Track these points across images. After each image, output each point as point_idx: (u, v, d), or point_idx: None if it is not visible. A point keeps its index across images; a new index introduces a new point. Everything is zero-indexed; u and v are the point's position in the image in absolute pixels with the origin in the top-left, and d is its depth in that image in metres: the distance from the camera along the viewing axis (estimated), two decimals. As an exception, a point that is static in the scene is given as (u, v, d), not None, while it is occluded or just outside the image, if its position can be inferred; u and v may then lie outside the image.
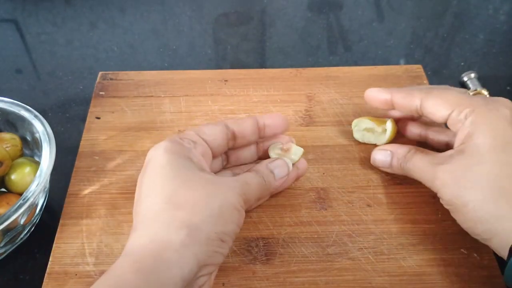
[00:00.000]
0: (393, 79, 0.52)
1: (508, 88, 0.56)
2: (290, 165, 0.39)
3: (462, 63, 0.59)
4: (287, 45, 0.62)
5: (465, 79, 0.42)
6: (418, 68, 0.53)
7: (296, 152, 0.40)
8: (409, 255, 0.38)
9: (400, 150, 0.41)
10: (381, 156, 0.42)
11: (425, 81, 0.51)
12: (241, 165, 0.42)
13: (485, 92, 0.43)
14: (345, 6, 0.68)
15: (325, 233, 0.39)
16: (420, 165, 0.38)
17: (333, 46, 0.62)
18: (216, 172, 0.40)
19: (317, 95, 0.50)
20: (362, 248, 0.39)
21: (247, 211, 0.35)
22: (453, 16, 0.67)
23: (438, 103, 0.38)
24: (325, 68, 0.53)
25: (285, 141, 0.41)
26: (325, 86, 0.51)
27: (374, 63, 0.59)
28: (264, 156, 0.41)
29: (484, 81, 0.57)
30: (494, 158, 0.34)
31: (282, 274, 0.37)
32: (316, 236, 0.39)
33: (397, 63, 0.59)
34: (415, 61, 0.59)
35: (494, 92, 0.55)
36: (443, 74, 0.53)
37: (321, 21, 0.66)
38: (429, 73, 0.53)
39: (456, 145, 0.37)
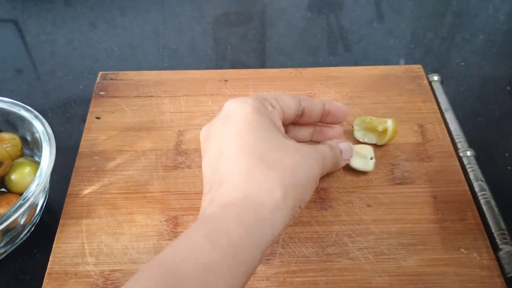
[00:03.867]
0: (393, 79, 0.52)
1: (508, 88, 0.56)
2: (353, 151, 0.42)
3: (462, 63, 0.59)
4: (287, 45, 0.62)
5: None
6: (418, 68, 0.53)
7: (369, 153, 0.44)
8: (409, 255, 0.38)
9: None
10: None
11: (425, 81, 0.51)
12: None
13: None
14: (345, 6, 0.68)
15: (325, 233, 0.39)
16: None
17: (333, 46, 0.62)
18: None
19: (317, 95, 0.50)
20: (362, 248, 0.39)
21: None
22: (453, 16, 0.67)
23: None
24: (325, 68, 0.53)
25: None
26: (325, 86, 0.51)
27: (374, 63, 0.58)
28: (317, 140, 0.43)
29: (484, 81, 0.57)
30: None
31: (282, 274, 0.37)
32: (316, 236, 0.39)
33: (397, 63, 0.59)
34: (415, 61, 0.59)
35: (494, 92, 0.56)
36: (443, 74, 0.53)
37: (321, 21, 0.66)
38: (429, 73, 0.53)
39: None
